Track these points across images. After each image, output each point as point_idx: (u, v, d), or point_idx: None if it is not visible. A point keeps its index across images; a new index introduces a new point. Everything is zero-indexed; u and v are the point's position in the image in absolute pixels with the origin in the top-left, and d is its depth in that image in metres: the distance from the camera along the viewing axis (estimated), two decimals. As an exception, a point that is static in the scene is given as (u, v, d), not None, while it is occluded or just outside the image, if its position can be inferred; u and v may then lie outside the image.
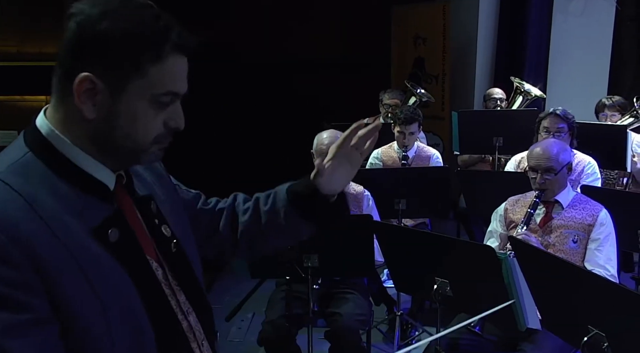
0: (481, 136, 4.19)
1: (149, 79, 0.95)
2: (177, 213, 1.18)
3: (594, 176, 3.37)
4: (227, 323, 3.36)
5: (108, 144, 0.98)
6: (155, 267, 1.05)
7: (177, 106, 1.01)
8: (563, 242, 2.53)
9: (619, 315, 1.64)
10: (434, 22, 5.91)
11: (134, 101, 0.95)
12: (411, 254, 2.34)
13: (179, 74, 0.99)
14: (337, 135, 2.97)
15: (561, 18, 5.70)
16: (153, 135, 0.99)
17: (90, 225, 0.95)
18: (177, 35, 0.97)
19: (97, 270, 0.93)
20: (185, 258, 1.13)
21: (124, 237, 0.99)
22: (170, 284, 1.07)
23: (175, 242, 1.11)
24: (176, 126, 1.01)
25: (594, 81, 5.67)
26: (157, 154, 1.04)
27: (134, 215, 1.06)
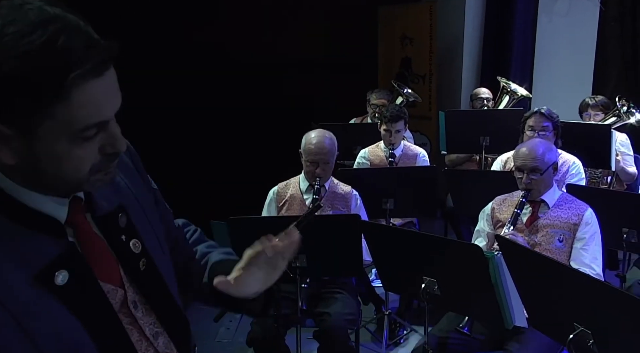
0: (468, 136, 4.22)
1: (59, 119, 0.81)
2: (150, 219, 1.10)
3: (578, 176, 3.40)
4: (216, 324, 3.35)
5: (42, 185, 0.89)
6: (118, 296, 0.97)
7: (110, 130, 0.88)
8: (549, 242, 2.55)
9: (604, 313, 1.66)
10: (420, 22, 5.93)
11: (50, 144, 0.83)
12: (399, 253, 2.35)
13: (99, 100, 0.84)
14: (325, 135, 2.98)
15: (546, 18, 5.75)
16: (86, 168, 0.88)
17: (32, 271, 0.85)
18: (82, 58, 0.80)
19: (40, 323, 0.85)
20: (156, 274, 1.05)
21: (75, 276, 0.90)
22: (130, 312, 0.99)
23: (145, 259, 1.03)
24: (113, 151, 0.90)
25: (578, 81, 5.73)
26: (103, 179, 0.93)
27: (95, 238, 0.97)
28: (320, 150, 2.94)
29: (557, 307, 1.87)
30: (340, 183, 3.11)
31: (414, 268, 2.26)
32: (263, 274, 1.15)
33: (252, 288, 1.14)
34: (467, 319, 2.39)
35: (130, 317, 0.99)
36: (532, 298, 2.01)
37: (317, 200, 2.87)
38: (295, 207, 3.02)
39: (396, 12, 6.25)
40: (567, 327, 1.72)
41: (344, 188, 3.08)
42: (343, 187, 3.09)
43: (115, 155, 0.91)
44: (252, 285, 1.14)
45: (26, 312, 0.84)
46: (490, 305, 2.08)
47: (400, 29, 6.17)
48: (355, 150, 4.21)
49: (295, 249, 1.18)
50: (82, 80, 0.80)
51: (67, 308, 0.88)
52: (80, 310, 0.90)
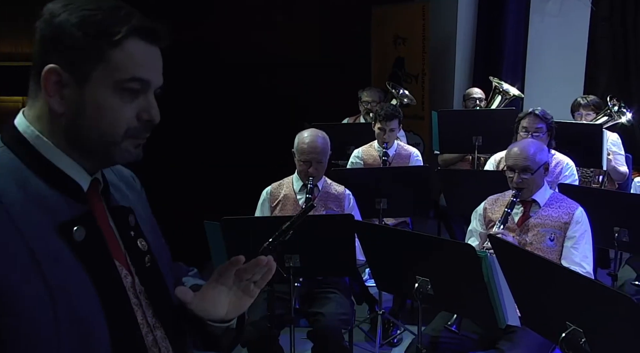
0: (461, 135, 4.23)
1: (111, 64, 0.94)
2: (155, 234, 1.16)
3: (572, 177, 3.42)
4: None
5: (79, 139, 0.97)
6: (124, 274, 1.02)
7: (149, 97, 0.99)
8: (540, 241, 2.57)
9: (595, 311, 1.66)
10: (413, 22, 5.94)
11: (99, 89, 0.94)
12: (392, 253, 2.35)
13: (145, 60, 0.97)
14: (318, 135, 2.99)
15: (538, 18, 5.77)
16: (123, 127, 0.97)
17: (56, 221, 0.93)
18: (138, 20, 0.96)
19: (54, 267, 0.91)
20: (159, 274, 1.10)
21: (90, 237, 0.96)
22: (137, 295, 1.03)
23: (150, 257, 1.08)
24: (149, 118, 0.99)
25: (570, 80, 5.76)
26: (132, 151, 1.01)
27: (106, 222, 1.03)
28: (313, 149, 2.94)
29: (549, 305, 1.88)
30: (334, 184, 3.11)
31: (407, 267, 2.26)
32: (232, 297, 1.13)
33: (217, 309, 1.12)
34: (455, 317, 2.40)
35: (137, 298, 1.03)
36: (525, 297, 2.02)
37: (310, 199, 2.87)
38: (288, 207, 3.02)
39: (389, 12, 6.26)
40: (559, 326, 1.73)
41: (338, 189, 3.08)
42: (336, 187, 3.09)
43: (149, 124, 0.99)
44: (218, 305, 1.11)
45: (46, 257, 0.90)
46: (483, 304, 2.09)
47: (393, 28, 6.18)
48: (349, 150, 4.21)
49: (269, 276, 1.15)
50: (134, 35, 0.95)
51: (82, 264, 0.94)
52: (93, 269, 0.95)
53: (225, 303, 1.13)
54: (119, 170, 1.17)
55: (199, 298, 1.11)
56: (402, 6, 6.16)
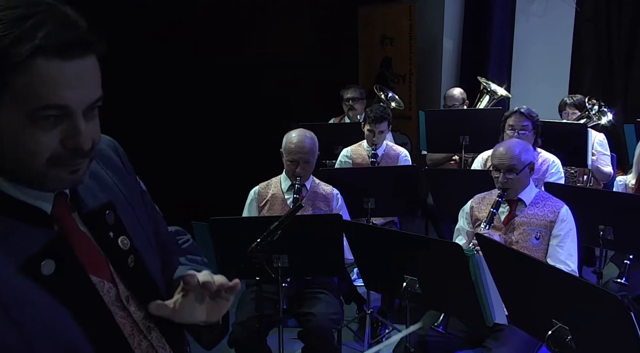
0: (448, 135, 4.25)
1: (17, 91, 0.81)
2: (139, 217, 1.09)
3: (557, 175, 3.46)
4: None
5: (5, 167, 0.87)
6: (107, 288, 0.97)
7: (75, 122, 0.86)
8: (526, 239, 2.59)
9: (581, 309, 1.68)
10: (400, 22, 5.96)
11: (12, 118, 0.83)
12: (380, 253, 2.36)
13: (60, 82, 0.83)
14: (305, 134, 2.99)
15: (523, 19, 5.82)
16: (44, 156, 0.85)
17: (18, 261, 0.85)
18: (47, 33, 0.81)
19: (27, 313, 0.84)
20: (145, 271, 1.05)
21: (62, 267, 0.89)
22: (124, 306, 0.99)
23: (134, 256, 1.02)
24: (74, 146, 0.87)
25: (555, 80, 5.82)
26: (65, 178, 0.90)
27: (80, 234, 0.97)
28: (301, 149, 2.94)
29: (535, 304, 1.90)
30: (322, 183, 3.12)
31: (395, 267, 2.27)
32: (209, 302, 1.08)
33: (196, 315, 1.07)
34: (442, 318, 2.41)
35: (124, 310, 0.99)
36: (511, 295, 2.03)
37: (298, 199, 2.87)
38: (276, 207, 3.01)
39: (376, 12, 6.28)
40: (546, 324, 1.74)
41: (326, 188, 3.09)
42: (324, 186, 3.10)
43: (77, 152, 0.87)
44: (195, 312, 1.07)
45: (13, 302, 0.84)
46: (470, 303, 2.10)
47: (380, 29, 6.20)
48: (337, 149, 4.22)
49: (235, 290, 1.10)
50: (45, 56, 0.81)
51: (55, 298, 0.88)
52: (69, 301, 0.89)
53: (203, 308, 1.08)
54: None
55: (172, 307, 1.05)
56: (389, 6, 6.18)
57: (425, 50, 6.02)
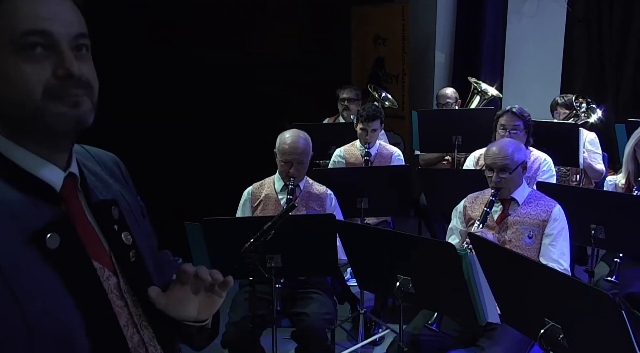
0: (440, 135, 4.26)
1: (2, 22, 0.85)
2: (138, 220, 1.11)
3: (549, 173, 3.48)
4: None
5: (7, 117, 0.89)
6: (107, 275, 0.98)
7: (61, 49, 0.88)
8: (519, 238, 2.60)
9: (573, 308, 1.69)
10: (393, 22, 5.98)
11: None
12: (374, 252, 2.36)
13: (38, 9, 0.87)
14: (299, 135, 2.99)
15: (515, 19, 5.85)
16: (39, 89, 0.87)
17: (26, 231, 0.86)
18: None
19: (27, 284, 0.85)
20: (145, 269, 1.06)
21: (66, 243, 0.90)
22: (123, 296, 0.99)
23: (135, 252, 1.04)
24: (65, 73, 0.88)
25: (547, 80, 5.85)
26: (67, 113, 0.90)
27: (86, 221, 0.98)
28: (295, 150, 2.94)
29: (527, 302, 1.91)
30: (315, 183, 3.12)
31: (388, 266, 2.27)
32: (201, 297, 1.09)
33: (188, 309, 1.08)
34: (435, 316, 2.42)
35: (121, 300, 0.99)
36: (504, 294, 2.04)
37: (292, 200, 2.87)
38: (270, 207, 3.01)
39: (369, 12, 6.29)
40: (538, 322, 1.75)
41: (319, 188, 3.09)
42: (318, 187, 3.10)
43: (69, 78, 0.88)
44: (187, 305, 1.08)
45: (14, 271, 0.84)
46: (463, 302, 2.11)
47: (373, 29, 6.21)
48: (330, 149, 4.22)
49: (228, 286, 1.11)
50: None
51: (56, 273, 0.88)
52: (69, 279, 0.90)
53: (195, 303, 1.09)
54: (100, 156, 1.11)
55: (167, 298, 1.06)
56: (381, 6, 6.19)
57: (418, 51, 6.04)
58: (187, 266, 1.06)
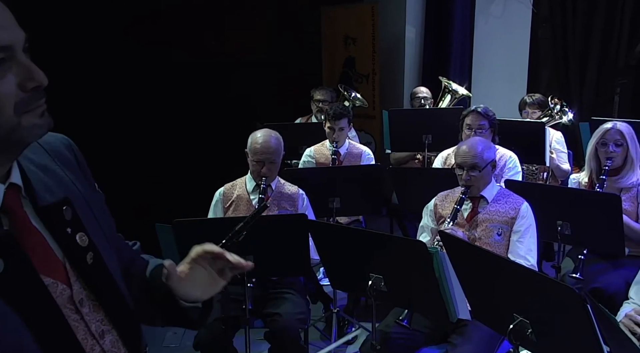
0: (411, 134, 4.30)
1: None
2: (96, 215, 1.06)
3: (515, 169, 3.55)
4: (162, 329, 3.29)
5: None
6: (60, 290, 0.93)
7: (23, 61, 0.85)
8: (488, 236, 2.65)
9: (541, 303, 1.73)
10: (363, 22, 6.01)
11: None
12: (346, 251, 2.37)
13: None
14: (271, 135, 2.98)
15: (482, 19, 5.94)
16: (10, 106, 0.84)
17: None
18: None
19: None
20: (105, 269, 1.02)
21: (12, 267, 0.85)
22: (77, 308, 0.95)
23: (92, 253, 0.99)
24: (34, 84, 0.86)
25: (514, 80, 5.96)
26: (39, 123, 0.88)
27: (33, 231, 0.92)
28: (267, 149, 2.93)
29: (497, 298, 1.94)
30: (287, 184, 3.12)
31: (360, 265, 2.29)
32: (205, 280, 1.14)
33: (194, 290, 1.13)
34: (406, 312, 2.44)
35: (77, 313, 0.96)
36: (474, 291, 2.07)
37: (264, 200, 2.86)
38: (242, 208, 3.00)
39: (338, 12, 6.31)
40: (507, 318, 1.78)
41: (291, 188, 3.09)
42: (290, 187, 3.10)
43: (39, 90, 0.86)
44: (195, 286, 1.13)
45: None
46: (434, 299, 2.13)
47: (343, 29, 6.23)
48: (301, 149, 4.22)
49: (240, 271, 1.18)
50: None
51: (4, 301, 0.84)
52: (17, 302, 0.85)
53: (202, 284, 1.13)
54: (50, 144, 1.05)
55: (179, 278, 1.10)
56: (351, 7, 6.22)
57: (387, 51, 6.08)
58: (211, 246, 1.11)
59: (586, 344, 1.57)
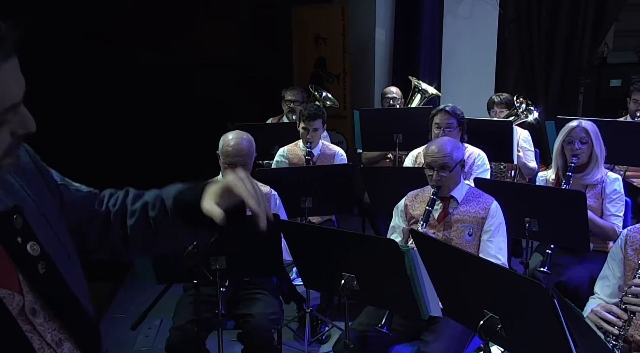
0: (382, 133, 4.33)
1: None
2: (51, 222, 1.05)
3: (483, 167, 3.61)
4: (134, 332, 3.24)
5: None
6: (16, 301, 0.93)
7: (20, 112, 0.90)
8: (460, 236, 2.68)
9: (509, 298, 1.76)
10: (333, 22, 6.02)
11: None
12: (318, 251, 2.37)
13: (11, 83, 0.87)
14: (242, 137, 2.97)
15: (451, 20, 6.01)
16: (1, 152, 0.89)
17: None
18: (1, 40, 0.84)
19: None
20: (58, 278, 1.00)
21: None
22: (29, 319, 0.94)
23: (44, 262, 0.98)
24: (25, 131, 0.91)
25: (482, 80, 6.05)
26: (12, 162, 0.93)
27: None
28: (239, 152, 2.92)
29: (468, 296, 1.97)
30: (259, 184, 3.10)
31: (333, 265, 2.29)
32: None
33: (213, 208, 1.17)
34: (385, 318, 2.45)
35: (29, 324, 0.94)
36: (445, 288, 2.10)
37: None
38: (213, 209, 2.97)
39: (309, 12, 6.31)
40: (477, 314, 1.81)
41: (263, 189, 3.07)
42: (261, 187, 3.07)
43: (25, 136, 0.91)
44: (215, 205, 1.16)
45: None
46: (407, 298, 2.16)
47: (314, 29, 6.24)
48: (273, 150, 4.21)
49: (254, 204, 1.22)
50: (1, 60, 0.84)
51: None
52: None
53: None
54: None
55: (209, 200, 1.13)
56: (321, 7, 6.23)
57: (358, 50, 6.11)
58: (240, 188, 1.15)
59: (553, 338, 1.61)
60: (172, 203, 1.21)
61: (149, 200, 1.24)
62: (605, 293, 2.22)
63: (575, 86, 6.90)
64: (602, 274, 2.29)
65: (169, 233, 1.22)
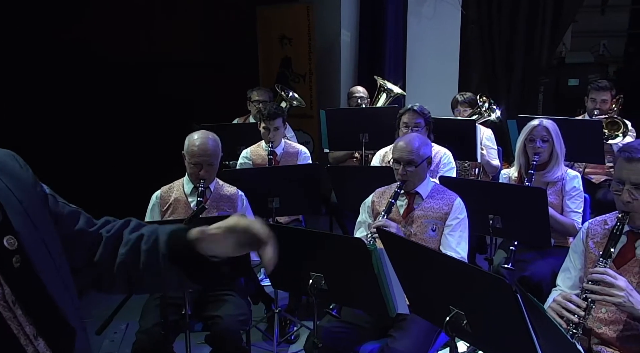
0: (348, 133, 4.36)
1: None
2: (36, 223, 1.06)
3: (449, 165, 3.67)
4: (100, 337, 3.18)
5: None
6: None
7: None
8: (423, 231, 2.72)
9: (474, 294, 1.79)
10: (298, 22, 6.02)
11: None
12: (286, 251, 2.34)
13: None
14: (208, 136, 2.94)
15: (415, 20, 6.09)
16: None
17: None
18: None
19: None
20: (33, 274, 1.01)
21: None
22: (10, 306, 0.97)
23: (20, 257, 0.99)
24: None
25: (445, 79, 6.15)
26: None
27: None
28: (204, 152, 2.90)
29: (433, 292, 2.00)
30: (226, 185, 3.09)
31: (301, 264, 2.30)
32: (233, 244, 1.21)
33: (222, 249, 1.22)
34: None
35: (9, 311, 0.97)
36: (411, 285, 2.13)
37: (202, 202, 2.82)
38: (180, 210, 2.95)
39: (274, 12, 6.29)
40: (443, 311, 1.84)
41: (230, 190, 3.06)
42: (228, 188, 3.07)
43: None
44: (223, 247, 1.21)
45: None
46: (374, 295, 2.17)
47: (279, 29, 6.23)
48: (239, 150, 4.19)
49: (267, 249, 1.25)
50: None
51: None
52: None
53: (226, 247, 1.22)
54: None
55: (210, 238, 1.17)
56: (286, 7, 6.22)
57: (324, 50, 6.12)
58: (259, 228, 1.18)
59: (517, 332, 1.64)
60: (166, 244, 1.23)
61: (145, 233, 1.27)
62: (566, 285, 2.29)
63: (535, 85, 7.07)
64: (563, 267, 2.35)
65: (157, 272, 1.23)
